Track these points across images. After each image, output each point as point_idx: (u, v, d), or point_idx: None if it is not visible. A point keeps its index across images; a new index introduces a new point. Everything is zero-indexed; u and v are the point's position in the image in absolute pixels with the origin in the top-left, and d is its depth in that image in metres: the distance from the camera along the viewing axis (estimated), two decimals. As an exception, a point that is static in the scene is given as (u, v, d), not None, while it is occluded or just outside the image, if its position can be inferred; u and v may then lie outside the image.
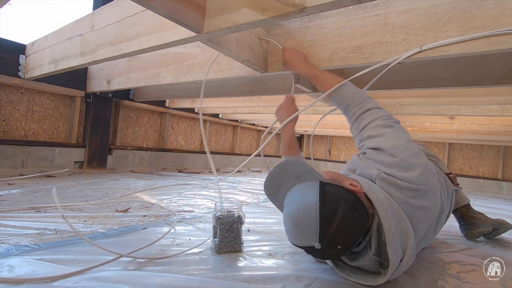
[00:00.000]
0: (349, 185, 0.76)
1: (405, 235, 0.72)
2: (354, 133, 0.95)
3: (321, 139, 5.76)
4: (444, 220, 1.03)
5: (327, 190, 0.69)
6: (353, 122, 0.95)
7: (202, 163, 3.68)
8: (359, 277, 0.74)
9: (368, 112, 0.91)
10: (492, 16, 0.82)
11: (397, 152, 0.79)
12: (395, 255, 0.68)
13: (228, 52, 1.13)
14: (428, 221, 0.81)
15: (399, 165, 0.77)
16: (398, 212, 0.73)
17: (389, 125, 0.86)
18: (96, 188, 1.77)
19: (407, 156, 0.78)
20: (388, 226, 0.69)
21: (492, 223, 1.24)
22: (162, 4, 0.84)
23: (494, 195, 3.62)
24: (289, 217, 0.70)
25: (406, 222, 0.73)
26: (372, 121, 0.88)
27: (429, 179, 0.79)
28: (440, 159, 1.29)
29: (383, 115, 0.89)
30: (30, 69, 1.98)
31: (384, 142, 0.82)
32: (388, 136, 0.83)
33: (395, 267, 0.68)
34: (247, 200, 1.83)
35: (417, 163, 0.78)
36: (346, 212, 0.66)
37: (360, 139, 0.90)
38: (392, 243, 0.68)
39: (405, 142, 0.81)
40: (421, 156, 0.81)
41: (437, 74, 1.30)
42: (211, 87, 2.16)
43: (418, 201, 0.76)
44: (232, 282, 0.72)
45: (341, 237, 0.66)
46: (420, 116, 2.63)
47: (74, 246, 0.87)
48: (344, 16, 1.10)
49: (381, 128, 0.86)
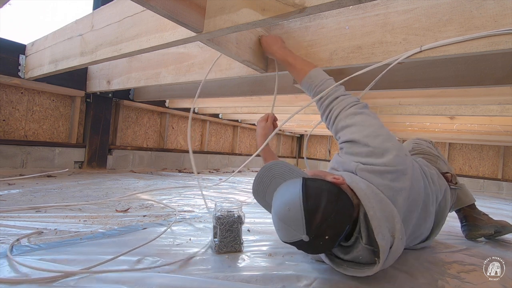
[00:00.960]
0: (331, 178, 0.78)
1: (391, 219, 0.74)
2: (326, 122, 0.99)
3: (321, 139, 5.76)
4: (433, 210, 1.01)
5: (309, 184, 0.72)
6: (323, 112, 0.99)
7: (202, 163, 3.68)
8: (356, 270, 0.76)
9: (336, 101, 0.94)
10: (492, 16, 0.82)
11: (370, 141, 0.83)
12: (384, 240, 0.70)
13: (228, 52, 1.13)
14: (413, 203, 0.84)
15: (374, 152, 0.81)
16: (381, 198, 0.76)
17: (359, 112, 0.90)
18: (96, 188, 1.77)
19: (380, 142, 0.82)
20: (373, 213, 0.72)
21: (495, 225, 1.23)
22: (162, 4, 0.84)
23: (494, 195, 3.62)
24: (276, 214, 0.73)
25: (390, 206, 0.76)
26: (341, 110, 0.92)
27: (404, 160, 0.83)
28: (441, 158, 1.29)
29: (351, 102, 0.92)
30: (30, 69, 1.98)
31: (356, 133, 0.86)
32: (359, 125, 0.87)
33: (386, 252, 0.70)
34: (247, 200, 1.83)
35: (390, 146, 0.82)
36: (328, 202, 0.69)
37: (335, 131, 0.94)
38: (379, 229, 0.71)
39: (376, 129, 0.85)
40: (392, 139, 0.85)
41: (437, 74, 1.30)
42: (211, 87, 2.16)
43: (398, 183, 0.80)
44: (232, 282, 0.72)
45: (327, 227, 0.68)
46: (420, 116, 2.62)
47: (74, 246, 0.87)
48: (344, 16, 1.10)
49: (351, 117, 0.89)
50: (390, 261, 0.74)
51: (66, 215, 1.17)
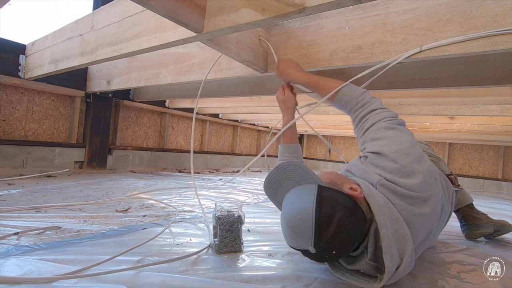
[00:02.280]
0: (348, 189, 0.75)
1: (403, 242, 0.71)
2: (357, 135, 0.94)
3: (321, 139, 5.74)
4: (444, 222, 1.03)
5: (324, 195, 0.68)
6: (357, 124, 0.93)
7: (202, 163, 3.68)
8: (355, 279, 0.74)
9: (372, 113, 0.89)
10: (492, 16, 0.82)
11: (399, 158, 0.77)
12: (391, 261, 0.67)
13: (228, 52, 1.13)
14: (428, 227, 0.81)
15: (401, 171, 0.76)
16: (397, 218, 0.72)
17: (392, 127, 0.84)
18: (96, 188, 1.77)
19: (409, 162, 0.76)
20: (386, 232, 0.69)
21: (494, 224, 1.23)
22: (162, 4, 0.84)
23: (494, 195, 3.62)
24: (286, 221, 0.70)
25: (405, 229, 0.72)
26: (375, 122, 0.86)
27: (430, 185, 0.77)
28: (441, 159, 1.28)
29: (387, 116, 0.87)
30: (30, 69, 1.98)
31: (386, 147, 0.80)
32: (390, 139, 0.81)
33: (391, 273, 0.68)
34: (247, 200, 1.83)
35: (419, 169, 0.76)
36: (342, 218, 0.66)
37: (363, 141, 0.89)
38: (389, 249, 0.67)
39: (408, 147, 0.79)
40: (423, 161, 0.79)
41: (437, 74, 1.30)
42: (211, 87, 2.16)
43: (418, 208, 0.75)
44: (232, 282, 0.72)
45: (336, 243, 0.66)
46: (420, 116, 2.62)
47: (74, 246, 0.87)
48: (344, 16, 1.10)
49: (384, 131, 0.84)
50: (393, 280, 0.72)
51: (66, 215, 1.17)
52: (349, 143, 5.43)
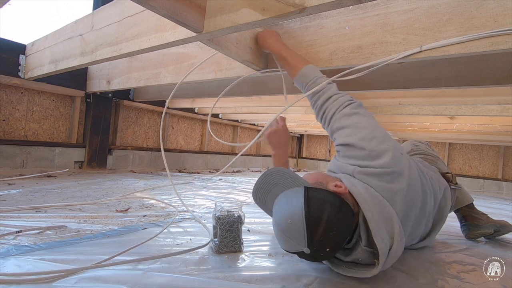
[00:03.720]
0: (333, 186, 0.77)
1: (389, 222, 0.74)
2: (322, 123, 0.98)
3: (321, 139, 5.75)
4: (433, 208, 1.01)
5: (312, 195, 0.71)
6: (317, 112, 0.98)
7: (202, 163, 3.68)
8: (355, 271, 0.76)
9: (329, 100, 0.93)
10: (492, 16, 0.82)
11: (366, 144, 0.82)
12: (382, 242, 0.70)
13: (228, 52, 1.13)
14: (412, 203, 0.84)
15: (370, 155, 0.81)
16: (379, 201, 0.76)
17: (353, 113, 0.89)
18: (96, 188, 1.77)
19: (375, 145, 0.82)
20: (371, 216, 0.72)
21: (494, 224, 1.23)
22: (162, 4, 0.84)
23: (494, 195, 3.62)
24: (277, 225, 0.72)
25: (389, 209, 0.75)
26: (336, 110, 0.91)
27: (400, 160, 0.82)
28: (440, 158, 1.29)
29: (345, 101, 0.91)
30: (30, 69, 1.98)
31: (351, 136, 0.85)
32: (354, 126, 0.86)
33: (385, 255, 0.70)
34: (247, 200, 1.83)
35: (386, 148, 0.81)
36: (331, 216, 0.68)
37: (330, 132, 0.93)
38: (378, 232, 0.70)
39: (371, 131, 0.84)
40: (387, 140, 0.84)
41: (437, 74, 1.30)
42: (211, 87, 2.16)
43: (396, 184, 0.79)
44: (232, 282, 0.72)
45: (328, 240, 0.68)
46: (420, 116, 2.62)
47: (74, 246, 0.87)
48: (344, 16, 1.10)
49: (346, 118, 0.88)
50: (390, 263, 0.74)
51: (66, 215, 1.17)
52: (349, 143, 5.41)
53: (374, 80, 1.43)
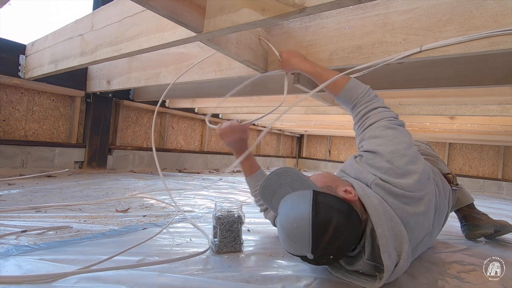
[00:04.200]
0: (343, 192, 0.75)
1: (399, 239, 0.71)
2: (357, 131, 0.94)
3: (321, 139, 5.76)
4: (442, 221, 1.03)
5: (320, 200, 0.69)
6: (357, 121, 0.94)
7: (202, 163, 3.68)
8: (355, 278, 0.75)
9: (374, 111, 0.90)
10: (492, 16, 0.82)
11: (394, 159, 0.78)
12: (389, 260, 0.68)
13: (228, 52, 1.13)
14: (424, 226, 0.81)
15: (395, 172, 0.77)
16: (392, 217, 0.73)
17: (391, 127, 0.85)
18: (96, 188, 1.77)
19: (404, 163, 0.77)
20: (382, 231, 0.69)
21: (494, 224, 1.23)
22: (162, 4, 0.84)
23: (494, 195, 3.62)
24: (283, 228, 0.71)
25: (400, 227, 0.72)
26: (376, 121, 0.87)
27: (424, 185, 0.79)
28: (440, 159, 1.28)
29: (388, 116, 0.88)
30: (30, 69, 1.98)
31: (382, 146, 0.81)
32: (388, 139, 0.82)
33: (390, 271, 0.69)
34: (247, 200, 1.83)
35: (414, 170, 0.77)
36: (339, 223, 0.67)
37: (361, 139, 0.89)
38: (386, 248, 0.68)
39: (404, 148, 0.80)
40: (418, 162, 0.80)
41: (437, 74, 1.30)
42: (211, 87, 2.16)
43: (413, 208, 0.76)
44: (232, 282, 0.72)
45: (333, 248, 0.67)
46: (420, 116, 2.62)
47: (74, 246, 0.87)
48: (344, 16, 1.10)
49: (383, 129, 0.84)
50: (392, 278, 0.72)
51: (66, 215, 1.17)
52: (349, 143, 5.43)
53: (374, 80, 1.43)
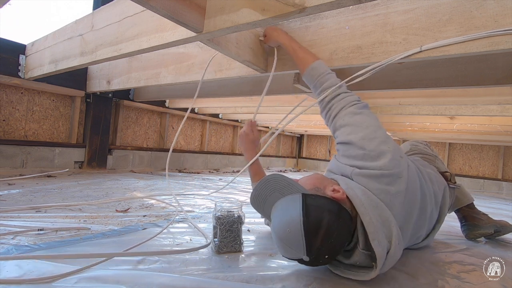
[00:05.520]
0: (331, 191, 0.77)
1: (387, 225, 0.73)
2: (325, 119, 0.98)
3: (321, 139, 5.76)
4: (434, 208, 1.01)
5: (309, 203, 0.70)
6: (322, 109, 0.98)
7: (202, 163, 3.68)
8: (354, 273, 0.76)
9: (336, 98, 0.94)
10: (492, 16, 0.82)
11: (366, 143, 0.82)
12: (380, 246, 0.69)
13: (228, 52, 1.13)
14: (411, 206, 0.83)
15: (369, 156, 0.80)
16: (377, 204, 0.75)
17: (358, 113, 0.89)
18: (96, 188, 1.77)
19: (375, 145, 0.81)
20: (369, 219, 0.71)
21: (494, 225, 1.23)
22: (162, 4, 0.84)
23: (494, 195, 3.62)
24: (276, 234, 0.72)
25: (386, 212, 0.75)
26: (342, 108, 0.91)
27: (399, 162, 0.82)
28: (438, 157, 1.29)
29: (352, 101, 0.92)
30: (30, 69, 1.98)
31: (352, 134, 0.85)
32: (356, 125, 0.86)
33: (383, 258, 0.70)
34: (247, 200, 1.83)
35: (386, 149, 0.81)
36: (330, 223, 0.68)
37: (333, 129, 0.93)
38: (375, 235, 0.70)
39: (372, 131, 0.84)
40: (388, 142, 0.84)
41: (437, 74, 1.30)
42: (211, 87, 2.16)
43: (394, 186, 0.78)
44: (232, 282, 0.72)
45: (327, 248, 0.69)
46: (420, 116, 2.62)
47: (74, 246, 0.87)
48: (344, 16, 1.10)
49: (351, 116, 0.88)
50: (388, 266, 0.73)
51: (66, 215, 1.17)
52: (349, 143, 5.41)
53: (374, 80, 1.43)
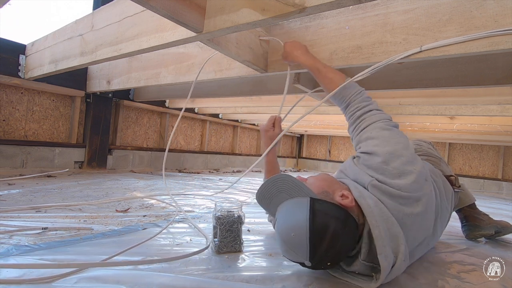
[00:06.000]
0: (340, 197, 0.75)
1: (395, 240, 0.71)
2: (352, 134, 0.94)
3: (321, 139, 5.75)
4: (444, 223, 1.03)
5: (317, 208, 0.69)
6: (352, 123, 0.94)
7: (202, 163, 3.68)
8: (353, 278, 0.76)
9: (368, 113, 0.90)
10: (492, 16, 0.82)
11: (391, 159, 0.78)
12: (386, 261, 0.68)
13: (228, 52, 1.13)
14: (423, 227, 0.81)
15: (392, 172, 0.77)
16: (388, 217, 0.73)
17: (387, 128, 0.85)
18: (96, 188, 1.77)
19: (401, 164, 0.77)
20: (378, 233, 0.69)
21: (495, 225, 1.23)
22: (162, 4, 0.84)
23: (494, 195, 3.62)
24: (280, 236, 0.72)
25: (397, 227, 0.72)
26: (372, 123, 0.87)
27: (421, 186, 0.78)
28: (443, 160, 1.26)
29: (383, 118, 0.88)
30: (30, 69, 1.98)
31: (379, 146, 0.81)
32: (384, 139, 0.82)
33: (387, 272, 0.69)
34: (247, 200, 1.83)
35: (411, 170, 0.77)
36: (336, 231, 0.67)
37: (357, 141, 0.89)
38: (383, 249, 0.68)
39: (400, 148, 0.80)
40: (415, 162, 0.80)
41: (437, 74, 1.30)
42: (211, 87, 2.16)
43: (409, 208, 0.75)
44: (232, 282, 0.72)
45: (331, 255, 0.68)
46: (420, 116, 2.62)
47: (74, 246, 0.87)
48: (344, 16, 1.10)
49: (379, 131, 0.85)
50: (390, 279, 0.73)
51: (66, 215, 1.17)
52: (349, 143, 5.42)
53: (374, 80, 1.43)
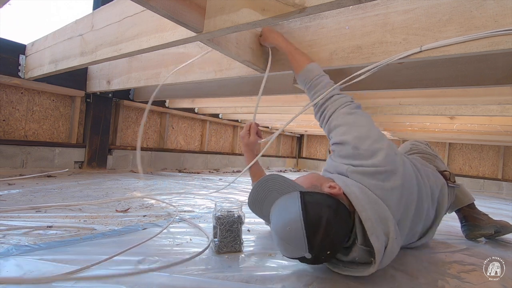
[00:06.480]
0: (328, 188, 0.78)
1: (384, 221, 0.74)
2: (320, 121, 0.99)
3: (321, 139, 5.76)
4: (432, 207, 1.01)
5: (308, 200, 0.71)
6: (317, 111, 0.99)
7: (202, 163, 3.68)
8: (353, 270, 0.76)
9: (330, 100, 0.95)
10: (492, 16, 0.82)
11: (360, 143, 0.83)
12: (378, 241, 0.71)
13: (228, 52, 1.13)
14: (408, 201, 0.84)
15: (364, 154, 0.82)
16: (373, 199, 0.76)
17: (351, 113, 0.91)
18: (96, 188, 1.77)
19: (369, 144, 0.83)
20: (366, 215, 0.73)
21: (494, 225, 1.23)
22: (162, 4, 0.84)
23: (494, 195, 3.62)
24: (277, 233, 0.72)
25: (383, 207, 0.76)
26: (336, 109, 0.93)
27: (393, 158, 0.83)
28: (438, 157, 1.29)
29: (345, 102, 0.93)
30: (30, 69, 1.98)
31: (347, 134, 0.86)
32: (349, 125, 0.88)
33: (381, 253, 0.71)
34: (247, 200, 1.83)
35: (379, 147, 0.83)
36: (329, 219, 0.69)
37: (328, 130, 0.94)
38: (373, 230, 0.71)
39: (366, 130, 0.86)
40: (382, 140, 0.85)
41: (437, 74, 1.30)
42: (211, 87, 2.16)
43: (389, 182, 0.80)
44: (232, 282, 0.72)
45: (328, 243, 0.69)
46: (420, 116, 2.62)
47: (74, 246, 0.87)
48: (344, 16, 1.10)
49: (344, 116, 0.90)
50: (387, 261, 0.74)
51: (66, 215, 1.17)
52: (349, 143, 5.42)
53: (374, 80, 1.43)
